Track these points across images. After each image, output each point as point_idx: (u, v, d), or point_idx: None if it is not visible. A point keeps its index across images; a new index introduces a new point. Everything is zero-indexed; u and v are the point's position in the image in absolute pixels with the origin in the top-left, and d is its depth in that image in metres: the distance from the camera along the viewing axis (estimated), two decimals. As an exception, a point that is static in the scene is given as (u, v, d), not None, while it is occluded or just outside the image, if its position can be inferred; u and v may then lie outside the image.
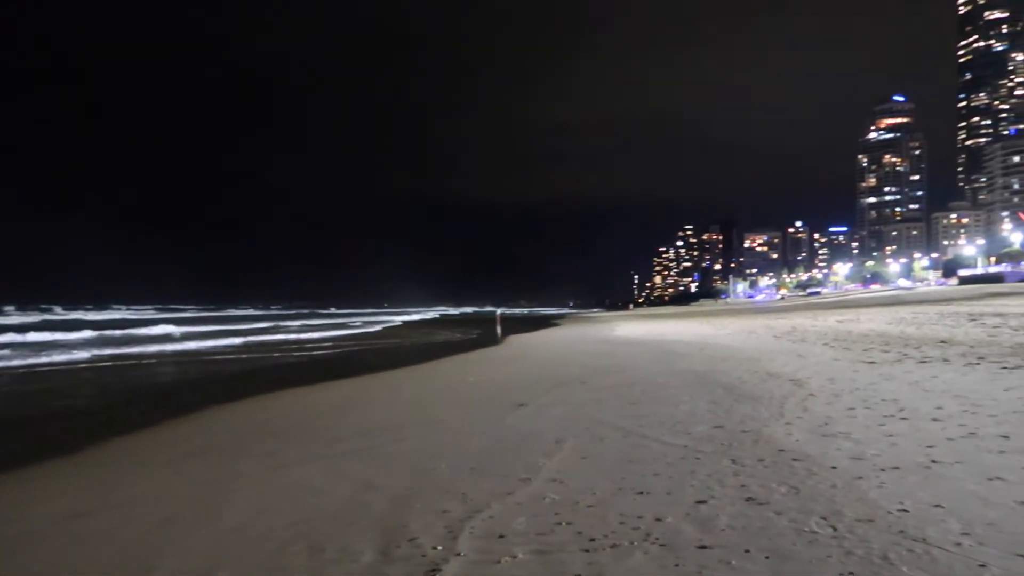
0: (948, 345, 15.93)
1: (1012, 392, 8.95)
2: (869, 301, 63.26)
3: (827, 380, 11.32)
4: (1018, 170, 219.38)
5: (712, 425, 8.13)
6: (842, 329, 24.22)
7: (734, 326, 32.19)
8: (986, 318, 24.78)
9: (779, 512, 4.80)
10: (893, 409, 8.32)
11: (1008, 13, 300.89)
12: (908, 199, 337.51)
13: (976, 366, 11.86)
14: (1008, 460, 5.68)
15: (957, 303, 41.15)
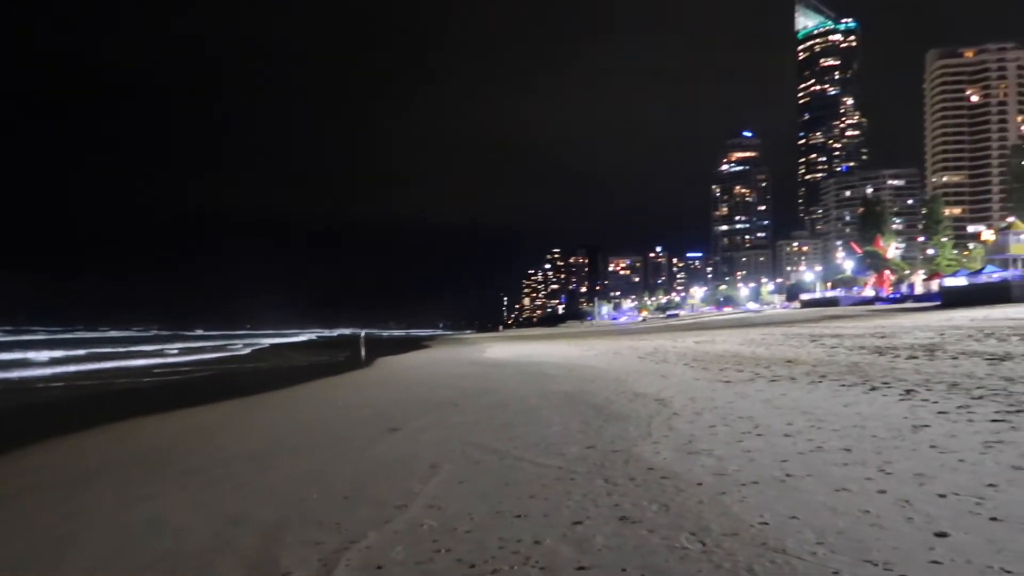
0: (794, 364, 17.13)
1: (851, 408, 9.73)
2: (723, 323, 67.13)
3: (689, 399, 11.87)
4: (850, 203, 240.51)
5: (584, 445, 8.32)
6: (700, 350, 25.53)
7: (600, 347, 33.20)
8: (825, 339, 26.88)
9: (652, 530, 4.97)
10: (749, 426, 8.83)
11: (839, 61, 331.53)
12: (756, 228, 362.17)
13: (819, 384, 12.82)
14: (851, 472, 6.16)
15: (800, 325, 44.39)
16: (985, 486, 5.43)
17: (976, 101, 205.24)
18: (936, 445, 7.01)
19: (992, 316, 34.65)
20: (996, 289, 57.38)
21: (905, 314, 50.07)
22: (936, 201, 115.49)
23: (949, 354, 16.99)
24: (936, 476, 5.81)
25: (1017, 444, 6.82)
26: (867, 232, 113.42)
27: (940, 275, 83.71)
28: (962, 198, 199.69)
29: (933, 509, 4.93)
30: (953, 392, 10.63)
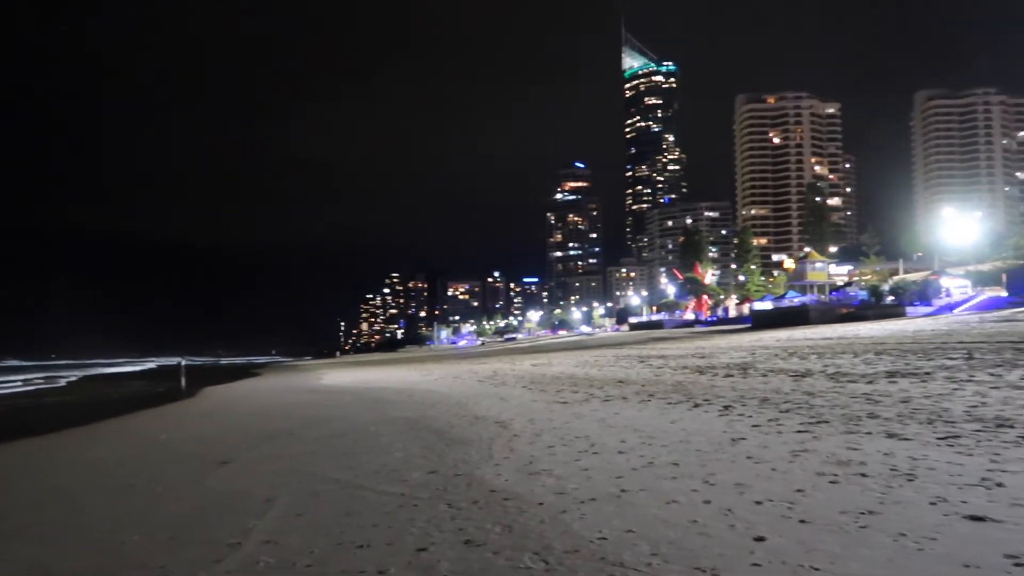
0: (625, 385, 17.99)
1: (677, 424, 10.36)
2: (558, 346, 69.25)
3: (528, 421, 12.12)
4: (672, 232, 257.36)
5: (427, 471, 8.26)
6: (537, 372, 26.18)
7: (440, 371, 33.18)
8: (652, 360, 28.45)
9: (496, 552, 5.01)
10: (586, 445, 9.16)
11: (661, 100, 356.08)
12: (588, 254, 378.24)
13: (648, 403, 13.54)
14: (680, 484, 6.55)
15: (629, 347, 46.71)
16: (794, 491, 5.96)
17: (778, 143, 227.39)
18: (752, 456, 7.61)
19: (794, 337, 38.20)
20: (797, 312, 63.38)
21: (721, 336, 54.08)
22: (746, 232, 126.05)
23: (760, 372, 18.52)
24: (753, 485, 6.30)
25: (819, 452, 7.55)
26: (687, 260, 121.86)
27: (750, 299, 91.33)
28: (768, 229, 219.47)
29: (752, 516, 5.34)
30: (764, 407, 11.59)
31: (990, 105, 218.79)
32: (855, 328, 41.71)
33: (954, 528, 4.71)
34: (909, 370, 15.72)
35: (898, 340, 27.71)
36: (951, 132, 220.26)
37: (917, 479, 6.10)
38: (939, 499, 5.42)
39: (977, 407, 9.82)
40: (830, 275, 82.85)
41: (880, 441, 7.94)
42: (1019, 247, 67.45)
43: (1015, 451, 6.91)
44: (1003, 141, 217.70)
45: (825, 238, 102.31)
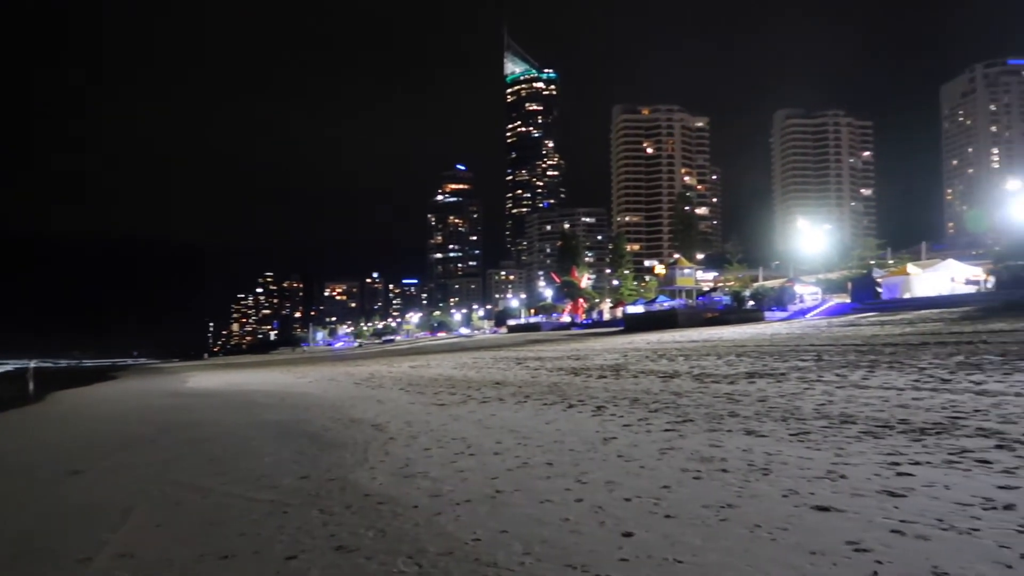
0: (502, 386, 18.17)
1: (552, 425, 10.57)
2: (437, 348, 69.09)
3: (405, 423, 12.02)
4: (550, 237, 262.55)
5: (299, 476, 8.02)
6: (415, 374, 26.00)
7: (315, 374, 32.33)
8: (529, 361, 28.88)
9: (368, 557, 4.93)
10: (462, 446, 9.18)
11: (542, 107, 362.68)
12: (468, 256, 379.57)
13: (524, 404, 13.74)
14: (553, 484, 6.68)
15: (507, 349, 47.21)
16: (661, 488, 6.21)
17: (651, 153, 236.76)
18: (622, 455, 7.87)
19: (664, 340, 39.84)
20: (666, 316, 66.17)
21: (596, 338, 55.64)
22: (620, 238, 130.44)
23: (631, 373, 19.20)
24: (623, 482, 6.52)
25: (684, 449, 7.91)
26: (565, 264, 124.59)
27: (624, 303, 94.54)
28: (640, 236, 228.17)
29: (621, 512, 5.52)
30: (635, 407, 12.02)
31: (840, 126, 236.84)
32: (719, 331, 43.99)
33: (803, 518, 5.05)
34: (766, 371, 16.75)
35: (757, 343, 29.43)
36: (806, 150, 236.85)
37: (772, 473, 6.50)
38: (791, 491, 5.80)
39: (824, 405, 10.59)
40: (697, 281, 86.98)
41: (740, 438, 8.40)
42: (862, 258, 73.31)
43: (857, 445, 7.49)
44: (850, 160, 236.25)
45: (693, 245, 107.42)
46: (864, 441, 7.70)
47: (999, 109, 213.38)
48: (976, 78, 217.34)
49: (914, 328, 30.29)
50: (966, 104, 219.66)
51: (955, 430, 7.95)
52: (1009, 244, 59.62)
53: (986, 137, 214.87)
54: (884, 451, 7.12)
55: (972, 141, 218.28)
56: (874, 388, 12.19)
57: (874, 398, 10.94)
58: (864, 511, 5.12)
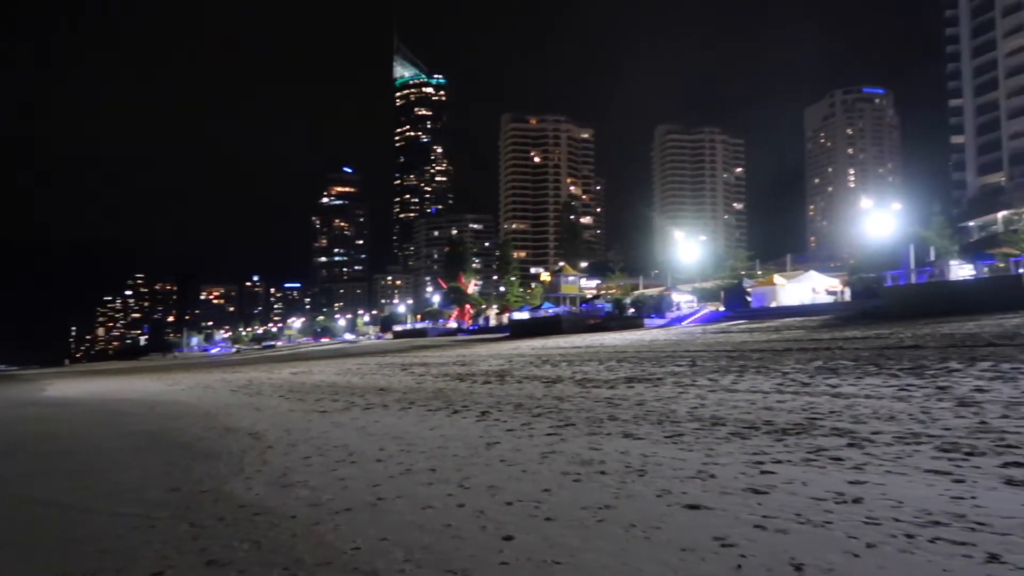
0: (387, 392, 17.96)
1: (436, 431, 10.55)
2: (320, 354, 67.40)
3: (284, 431, 11.66)
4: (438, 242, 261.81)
5: (168, 488, 7.63)
6: (296, 381, 25.28)
7: (189, 381, 30.85)
8: (415, 367, 28.69)
9: (242, 571, 4.75)
10: (344, 454, 9.01)
11: (431, 112, 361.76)
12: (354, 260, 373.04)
13: (409, 410, 13.64)
14: (436, 490, 6.66)
15: (393, 355, 46.70)
16: (542, 491, 6.32)
17: (538, 162, 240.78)
18: (505, 459, 7.95)
19: (548, 345, 40.54)
20: (551, 322, 67.37)
21: (482, 344, 55.93)
22: (507, 245, 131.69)
23: (516, 379, 19.43)
24: (505, 487, 6.59)
25: (565, 453, 8.08)
26: (452, 270, 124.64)
27: (510, 309, 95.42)
28: (527, 243, 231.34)
29: (502, 516, 5.58)
30: (519, 412, 12.18)
31: (715, 143, 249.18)
32: (601, 338, 45.22)
33: (675, 517, 5.27)
34: (645, 376, 17.37)
35: (636, 349, 30.46)
36: (684, 164, 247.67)
37: (647, 474, 6.75)
38: (664, 491, 6.04)
39: (697, 408, 11.10)
40: (581, 288, 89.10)
41: (618, 441, 8.67)
42: (734, 268, 77.32)
43: (726, 446, 7.90)
44: (724, 175, 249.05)
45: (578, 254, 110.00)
46: (732, 442, 8.12)
47: (855, 133, 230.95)
48: (836, 103, 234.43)
49: (779, 335, 32.22)
50: (827, 127, 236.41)
51: (813, 430, 8.51)
52: (862, 258, 64.50)
53: (844, 158, 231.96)
54: (750, 451, 7.54)
55: (832, 161, 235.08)
56: (743, 392, 12.88)
57: (742, 401, 11.56)
58: (731, 508, 5.40)
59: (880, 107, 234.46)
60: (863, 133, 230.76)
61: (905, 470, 6.30)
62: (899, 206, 66.27)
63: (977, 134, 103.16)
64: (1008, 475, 5.88)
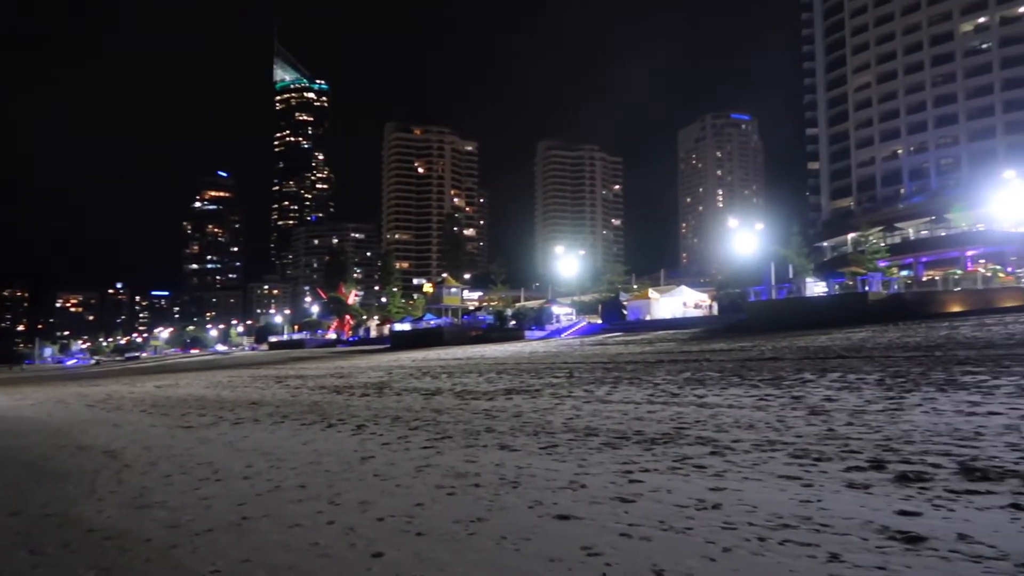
0: (259, 406, 17.30)
1: (309, 445, 10.24)
2: (189, 365, 64.10)
3: (144, 448, 11.00)
4: (318, 251, 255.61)
5: (7, 513, 7.00)
6: (161, 395, 23.93)
7: (40, 395, 28.58)
8: (290, 380, 27.80)
9: (87, 600, 4.43)
10: (208, 472, 8.58)
11: (313, 118, 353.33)
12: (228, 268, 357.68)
13: (282, 424, 13.18)
14: (305, 507, 6.46)
15: (267, 367, 45.07)
16: (415, 506, 6.25)
17: (422, 173, 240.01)
18: (379, 474, 7.82)
19: (429, 357, 40.34)
20: (433, 334, 67.09)
21: (362, 356, 54.94)
22: (389, 255, 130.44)
23: (395, 391, 19.20)
24: (377, 502, 6.47)
25: (441, 466, 8.04)
26: (332, 279, 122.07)
27: (391, 321, 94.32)
28: (410, 254, 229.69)
29: (373, 532, 5.47)
30: (396, 425, 12.03)
31: (595, 160, 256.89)
32: (482, 349, 45.45)
33: (545, 528, 5.35)
34: (523, 387, 17.58)
35: (516, 361, 30.82)
36: (565, 179, 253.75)
37: (521, 486, 6.81)
38: (536, 503, 6.11)
39: (572, 419, 11.34)
40: (463, 300, 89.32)
41: (494, 453, 8.72)
42: (611, 282, 79.78)
43: (597, 456, 8.10)
44: (603, 192, 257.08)
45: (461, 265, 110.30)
46: (604, 452, 8.34)
47: (724, 155, 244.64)
48: (706, 127, 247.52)
49: (652, 347, 33.50)
50: (698, 149, 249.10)
51: (680, 439, 8.88)
52: (729, 274, 68.15)
53: (713, 179, 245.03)
54: (620, 460, 7.76)
55: (702, 182, 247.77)
56: (616, 403, 13.27)
57: (616, 412, 11.91)
58: (599, 517, 5.53)
59: (746, 132, 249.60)
60: (731, 156, 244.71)
61: (761, 476, 6.66)
62: (762, 226, 70.60)
63: (830, 161, 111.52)
64: (850, 479, 6.34)
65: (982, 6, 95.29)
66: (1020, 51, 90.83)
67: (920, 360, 17.59)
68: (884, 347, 22.87)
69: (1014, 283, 48.59)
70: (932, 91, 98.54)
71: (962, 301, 41.88)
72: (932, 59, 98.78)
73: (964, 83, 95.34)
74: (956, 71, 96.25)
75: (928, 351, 20.17)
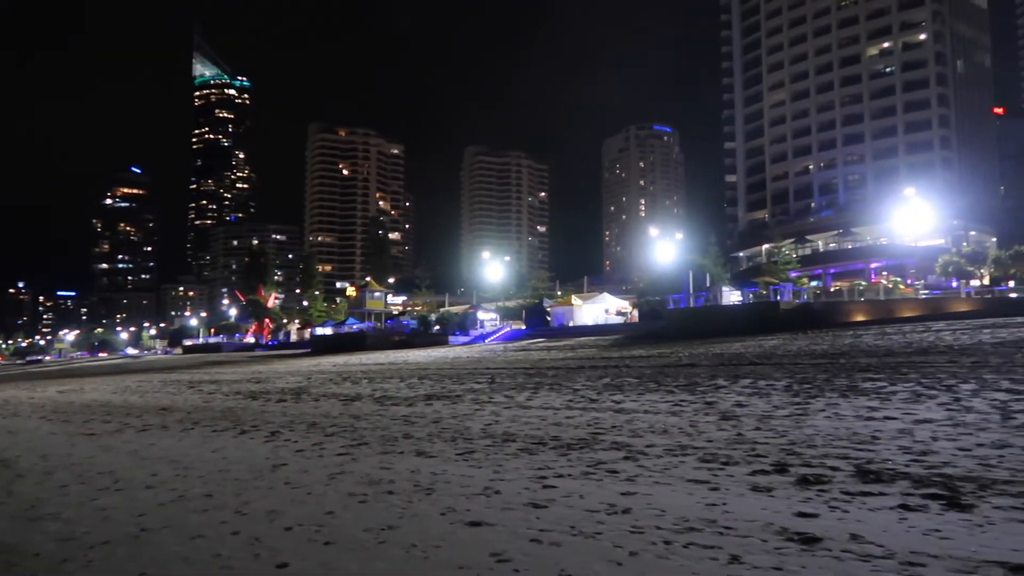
0: (169, 412, 16.67)
1: (219, 453, 9.92)
2: (96, 369, 61.24)
3: (40, 457, 10.43)
4: (237, 252, 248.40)
5: None
6: (63, 400, 22.80)
7: (-75, 402, 26.76)
8: (204, 385, 26.92)
9: (-36, 620, 4.16)
10: (109, 481, 8.20)
11: (234, 115, 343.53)
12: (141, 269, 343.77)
13: (191, 431, 12.73)
14: (210, 517, 6.24)
15: (181, 371, 43.51)
16: (325, 514, 6.13)
17: (347, 175, 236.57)
18: (290, 482, 7.63)
19: (351, 362, 39.74)
20: (355, 338, 66.12)
21: (281, 360, 53.66)
22: (312, 257, 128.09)
23: (313, 397, 18.82)
24: (286, 511, 6.31)
25: (355, 473, 7.91)
26: (251, 281, 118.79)
27: (313, 324, 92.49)
28: (333, 257, 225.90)
29: (279, 543, 5.33)
30: (311, 431, 11.79)
31: (521, 167, 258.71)
32: (405, 355, 45.07)
33: (457, 535, 5.32)
34: (444, 393, 17.51)
35: (439, 366, 30.69)
36: (491, 185, 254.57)
37: (435, 492, 6.77)
38: (449, 509, 6.08)
39: (491, 425, 11.35)
40: (387, 304, 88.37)
41: (410, 459, 8.64)
42: (536, 288, 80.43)
43: (514, 462, 8.13)
44: (529, 198, 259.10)
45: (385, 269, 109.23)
46: (520, 458, 8.38)
47: (647, 166, 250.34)
48: (631, 137, 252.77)
49: (574, 353, 33.91)
50: (622, 159, 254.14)
51: (595, 444, 9.00)
52: (649, 282, 69.69)
53: (636, 189, 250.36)
54: (536, 466, 7.81)
55: (625, 191, 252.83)
56: (536, 408, 13.37)
57: (534, 418, 11.99)
58: (511, 523, 5.55)
59: (668, 144, 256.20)
60: (653, 167, 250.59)
61: (671, 480, 6.82)
62: (681, 236, 72.59)
63: (746, 175, 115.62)
64: (755, 482, 6.56)
65: (887, 31, 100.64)
66: (921, 75, 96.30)
67: (826, 367, 18.37)
68: (793, 354, 23.79)
69: (912, 294, 51.41)
70: (841, 110, 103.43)
71: (866, 311, 44.02)
72: (841, 80, 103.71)
73: (870, 104, 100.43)
74: (863, 92, 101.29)
75: (833, 358, 21.09)
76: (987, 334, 26.50)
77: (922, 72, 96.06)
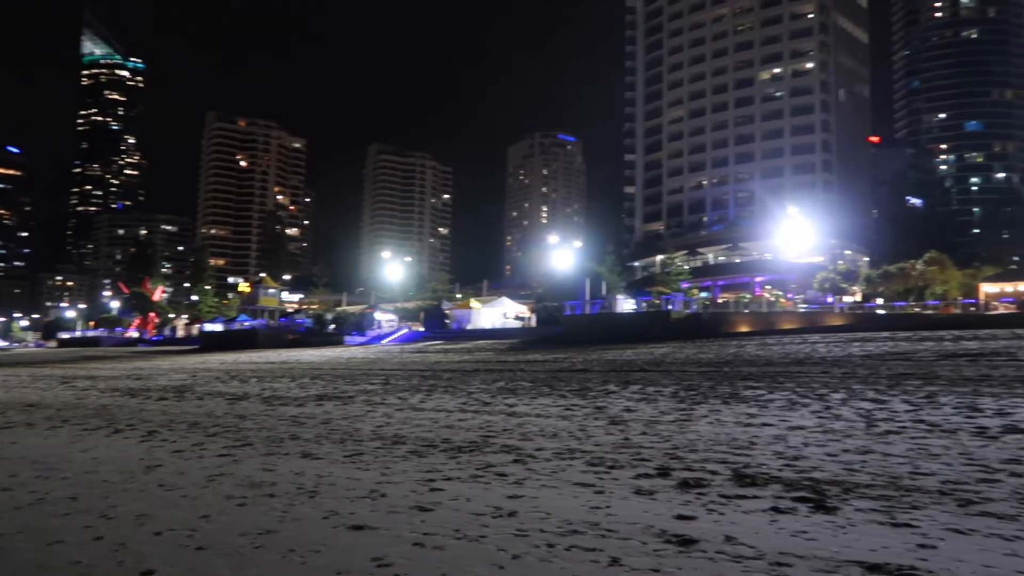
0: (36, 409, 15.61)
1: (88, 453, 9.34)
2: (-46, 363, 56.51)
3: None
4: (122, 242, 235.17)
5: None
6: (-87, 395, 20.92)
7: None
8: (79, 380, 25.35)
9: None
10: (-41, 484, 7.57)
11: (125, 98, 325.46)
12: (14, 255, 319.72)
13: (60, 429, 11.95)
14: (71, 521, 5.84)
15: (54, 366, 40.82)
16: (200, 518, 5.85)
17: (245, 166, 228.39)
18: (164, 484, 7.26)
19: (240, 360, 38.34)
20: (247, 336, 63.87)
21: (165, 356, 51.18)
22: (203, 251, 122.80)
23: (197, 395, 18.03)
24: (157, 515, 5.99)
25: (236, 475, 7.60)
26: (137, 273, 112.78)
27: (202, 320, 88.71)
28: (226, 251, 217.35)
29: (147, 548, 5.05)
30: (192, 431, 11.27)
31: (425, 168, 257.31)
32: (298, 354, 43.87)
33: (338, 539, 5.19)
34: (336, 394, 17.14)
35: (333, 366, 30.05)
36: (395, 185, 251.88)
37: (319, 495, 6.59)
38: (331, 513, 5.93)
39: (382, 427, 11.18)
40: (282, 301, 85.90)
41: (295, 461, 8.39)
42: (436, 290, 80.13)
43: (402, 464, 8.02)
44: (432, 200, 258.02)
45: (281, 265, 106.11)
46: (410, 460, 8.28)
47: (550, 173, 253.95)
48: (535, 144, 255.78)
49: (471, 356, 33.93)
50: (526, 165, 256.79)
51: (486, 447, 9.00)
52: (548, 287, 70.68)
53: (538, 195, 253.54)
54: (425, 469, 7.73)
55: (528, 197, 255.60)
56: (428, 411, 13.27)
57: (426, 420, 11.90)
58: (395, 527, 5.46)
59: (571, 153, 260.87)
60: (556, 175, 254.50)
61: (558, 484, 6.89)
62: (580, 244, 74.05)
63: (644, 187, 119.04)
64: (638, 485, 6.72)
65: (777, 57, 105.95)
66: (807, 102, 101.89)
67: (711, 375, 19.11)
68: (681, 362, 24.63)
69: (792, 308, 54.31)
70: (734, 130, 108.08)
71: (750, 322, 46.15)
72: (736, 101, 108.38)
73: (760, 125, 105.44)
74: (755, 114, 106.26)
75: (718, 367, 21.96)
76: (856, 347, 28.28)
77: (808, 98, 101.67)
